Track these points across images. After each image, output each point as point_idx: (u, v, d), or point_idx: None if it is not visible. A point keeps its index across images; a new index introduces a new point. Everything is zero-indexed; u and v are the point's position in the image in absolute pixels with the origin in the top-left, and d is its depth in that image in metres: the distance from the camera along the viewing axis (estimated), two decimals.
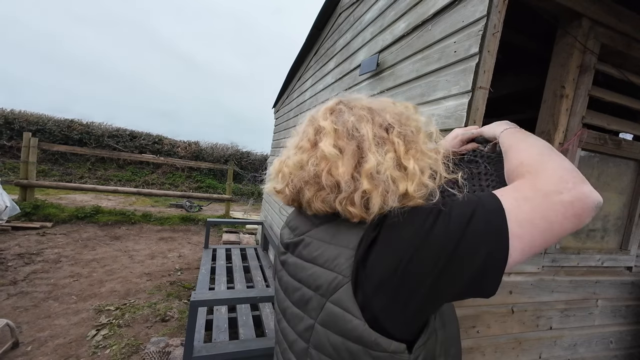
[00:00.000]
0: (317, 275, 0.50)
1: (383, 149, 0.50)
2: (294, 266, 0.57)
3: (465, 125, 1.09)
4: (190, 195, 7.38)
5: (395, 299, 0.43)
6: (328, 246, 0.51)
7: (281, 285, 0.62)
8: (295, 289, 0.55)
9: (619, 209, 1.59)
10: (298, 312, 0.54)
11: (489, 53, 1.06)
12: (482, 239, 0.41)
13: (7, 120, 8.31)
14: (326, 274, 0.48)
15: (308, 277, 0.52)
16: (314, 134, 0.55)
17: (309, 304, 0.51)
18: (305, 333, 0.52)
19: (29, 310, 2.62)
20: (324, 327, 0.48)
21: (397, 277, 0.42)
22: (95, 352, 2.19)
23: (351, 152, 0.50)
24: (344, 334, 0.45)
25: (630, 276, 1.63)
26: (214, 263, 3.31)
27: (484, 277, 0.41)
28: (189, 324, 1.49)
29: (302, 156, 0.54)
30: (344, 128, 0.52)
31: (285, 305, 0.58)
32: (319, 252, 0.52)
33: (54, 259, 3.75)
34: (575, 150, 1.34)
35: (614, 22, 1.29)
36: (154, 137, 10.47)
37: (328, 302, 0.47)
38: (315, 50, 3.45)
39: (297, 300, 0.54)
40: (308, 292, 0.51)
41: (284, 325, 0.59)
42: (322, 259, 0.50)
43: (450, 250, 0.41)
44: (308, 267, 0.53)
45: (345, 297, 0.45)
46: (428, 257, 0.42)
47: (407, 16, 1.53)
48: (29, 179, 5.35)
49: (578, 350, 1.51)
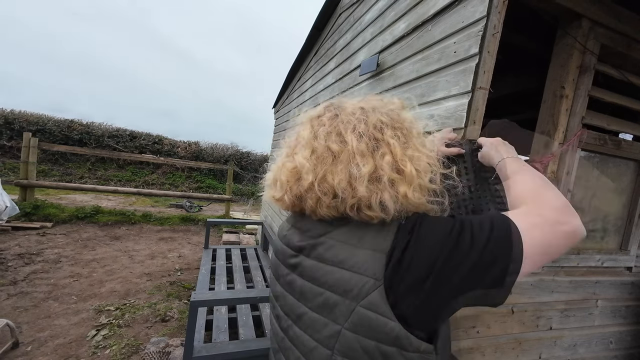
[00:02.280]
0: (345, 279, 0.48)
1: (379, 151, 0.50)
2: (313, 269, 0.53)
3: (465, 125, 1.09)
4: (190, 196, 7.38)
5: (426, 301, 0.44)
6: (356, 249, 0.49)
7: (291, 290, 0.58)
8: (317, 294, 0.52)
9: (619, 209, 1.59)
10: (319, 317, 0.51)
11: (489, 53, 1.06)
12: (502, 251, 0.44)
13: (7, 120, 8.31)
14: (355, 277, 0.47)
15: (334, 281, 0.49)
16: (294, 142, 0.57)
17: (335, 309, 0.48)
18: (329, 340, 0.49)
19: (29, 310, 2.62)
20: (354, 333, 0.47)
21: (430, 280, 0.44)
22: (95, 352, 2.19)
23: (344, 159, 0.50)
24: (379, 338, 0.45)
25: (630, 276, 1.63)
26: (214, 263, 3.31)
27: (499, 286, 0.45)
28: (189, 324, 1.49)
29: (294, 164, 0.54)
30: (326, 138, 0.53)
31: (301, 311, 0.54)
32: (345, 255, 0.50)
33: (54, 259, 3.74)
34: (575, 150, 1.34)
35: (613, 22, 1.30)
36: (154, 137, 10.46)
37: (359, 306, 0.46)
38: (316, 50, 3.45)
39: (320, 306, 0.51)
40: (333, 297, 0.49)
41: (297, 333, 0.55)
42: (350, 262, 0.48)
43: (475, 258, 0.44)
44: (334, 271, 0.50)
45: (379, 301, 0.45)
46: (457, 262, 0.44)
47: (407, 17, 1.54)
48: (29, 179, 5.35)
49: (578, 350, 1.51)
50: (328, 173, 0.50)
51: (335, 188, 0.49)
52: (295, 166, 0.54)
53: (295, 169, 0.54)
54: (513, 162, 0.63)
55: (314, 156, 0.52)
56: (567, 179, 1.35)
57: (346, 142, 0.51)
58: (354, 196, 0.48)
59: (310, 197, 0.52)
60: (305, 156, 0.53)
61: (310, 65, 3.65)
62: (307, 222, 0.59)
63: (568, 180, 1.36)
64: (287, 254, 0.61)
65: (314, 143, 0.53)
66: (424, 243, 0.46)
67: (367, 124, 0.52)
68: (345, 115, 0.54)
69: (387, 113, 0.55)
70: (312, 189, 0.51)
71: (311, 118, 0.58)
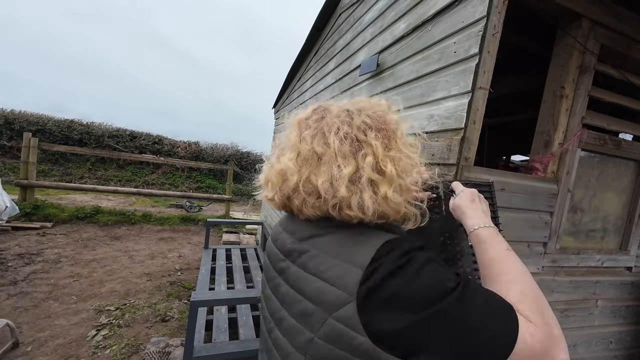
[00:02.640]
0: (322, 290, 0.49)
1: (360, 152, 0.52)
2: (296, 277, 0.55)
3: (465, 126, 1.09)
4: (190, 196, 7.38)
5: (404, 334, 0.42)
6: (335, 261, 0.50)
7: (277, 294, 0.59)
8: (296, 301, 0.53)
9: (619, 209, 1.59)
10: (296, 324, 0.52)
11: (489, 53, 1.06)
12: (495, 333, 0.41)
13: (7, 120, 8.31)
14: (331, 289, 0.47)
15: (312, 291, 0.50)
16: (283, 144, 0.59)
17: (310, 317, 0.50)
18: (302, 346, 0.50)
19: (29, 311, 2.62)
20: (326, 342, 0.47)
21: (416, 322, 0.42)
22: (95, 352, 2.19)
23: (327, 161, 0.52)
24: (349, 350, 0.45)
25: (630, 276, 1.63)
26: (214, 263, 3.31)
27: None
28: (189, 324, 1.49)
29: (281, 166, 0.56)
30: (312, 140, 0.54)
31: (282, 315, 0.56)
32: (325, 266, 0.50)
33: (54, 259, 3.74)
34: (575, 150, 1.34)
35: (613, 22, 1.30)
36: (154, 137, 10.46)
37: (330, 318, 0.47)
38: (316, 50, 3.45)
39: (298, 313, 0.52)
40: (311, 307, 0.50)
41: (277, 336, 0.57)
42: (328, 273, 0.49)
43: (464, 328, 0.41)
44: (313, 281, 0.51)
45: (350, 315, 0.45)
46: (449, 324, 0.41)
47: (407, 17, 1.54)
48: (29, 179, 5.35)
49: (578, 350, 1.51)
50: (312, 174, 0.52)
51: (318, 188, 0.51)
52: (282, 168, 0.56)
53: (282, 170, 0.56)
54: (492, 236, 0.58)
55: (299, 158, 0.54)
56: (567, 179, 1.35)
57: (329, 144, 0.52)
58: (335, 196, 0.50)
59: (296, 197, 0.54)
60: (291, 158, 0.55)
61: (310, 65, 3.65)
62: (295, 224, 0.61)
63: (568, 180, 1.36)
64: (277, 258, 0.62)
65: (299, 145, 0.55)
66: (419, 283, 0.43)
67: (351, 126, 0.53)
68: (330, 118, 0.56)
69: (372, 115, 0.56)
70: (297, 190, 0.54)
71: (299, 120, 0.59)
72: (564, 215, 1.37)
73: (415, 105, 1.41)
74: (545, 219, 1.33)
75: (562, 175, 1.34)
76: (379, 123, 0.56)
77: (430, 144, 1.27)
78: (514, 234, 1.27)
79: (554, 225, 1.35)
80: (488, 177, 1.17)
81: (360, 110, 0.57)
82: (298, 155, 0.54)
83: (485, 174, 1.17)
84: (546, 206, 1.32)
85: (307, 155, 0.53)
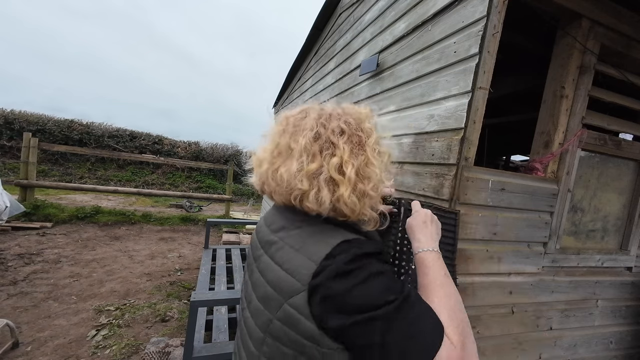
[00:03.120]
0: (281, 278, 0.55)
1: (328, 152, 0.57)
2: (265, 265, 0.62)
3: (465, 125, 1.09)
4: (190, 196, 7.38)
5: (346, 330, 0.47)
6: (296, 254, 0.56)
7: (251, 279, 0.67)
8: (262, 286, 0.60)
9: (619, 209, 1.59)
10: (260, 306, 0.59)
11: (489, 53, 1.06)
12: (416, 347, 0.46)
13: (7, 120, 8.31)
14: (289, 279, 0.54)
15: (274, 279, 0.57)
16: (268, 136, 0.66)
17: (271, 301, 0.56)
18: (264, 325, 0.57)
19: (29, 311, 2.62)
20: (281, 323, 0.54)
21: (350, 319, 0.47)
22: (95, 352, 2.19)
23: (297, 155, 0.57)
24: (299, 332, 0.51)
25: (630, 276, 1.63)
26: (214, 263, 3.31)
27: None
28: (189, 324, 1.49)
29: (259, 154, 0.65)
30: (290, 135, 0.60)
31: (251, 298, 0.64)
32: (287, 257, 0.57)
33: (54, 259, 3.74)
34: (575, 150, 1.34)
35: (613, 22, 1.30)
36: (154, 137, 10.46)
37: (286, 303, 0.53)
38: (316, 50, 3.45)
39: (261, 297, 0.59)
40: (271, 292, 0.57)
41: (247, 315, 0.65)
42: (288, 264, 0.56)
43: (392, 337, 0.46)
44: (276, 270, 0.57)
45: (301, 303, 0.51)
46: (392, 327, 0.46)
47: (407, 16, 1.54)
48: (29, 179, 5.35)
49: (578, 350, 1.51)
50: (282, 166, 0.59)
51: (284, 178, 0.57)
52: (259, 157, 0.65)
53: (259, 158, 0.65)
54: (435, 260, 0.62)
55: (276, 150, 0.61)
56: (567, 179, 1.35)
57: (297, 142, 0.58)
58: (297, 187, 0.56)
59: (267, 184, 0.62)
60: (269, 149, 0.63)
61: (310, 65, 3.65)
62: (272, 216, 0.69)
63: (568, 180, 1.36)
64: (256, 246, 0.70)
65: (279, 139, 0.61)
66: (360, 291, 0.48)
67: (326, 128, 0.59)
68: (310, 119, 0.61)
69: (349, 121, 0.61)
70: (267, 177, 0.61)
71: (286, 116, 0.65)
72: (564, 215, 1.37)
73: (415, 105, 1.41)
74: (545, 219, 1.33)
75: (562, 175, 1.34)
76: (354, 129, 0.60)
77: (431, 144, 1.27)
78: (514, 234, 1.27)
79: (554, 225, 1.35)
80: (488, 177, 1.18)
81: (340, 115, 0.62)
82: (276, 147, 0.61)
83: (485, 174, 1.17)
84: (546, 206, 1.32)
85: (282, 148, 0.60)
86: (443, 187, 1.16)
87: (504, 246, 1.26)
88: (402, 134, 1.48)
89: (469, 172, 1.13)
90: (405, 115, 1.48)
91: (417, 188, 1.32)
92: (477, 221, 1.18)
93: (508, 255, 1.27)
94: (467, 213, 1.15)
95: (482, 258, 1.22)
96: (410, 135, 1.42)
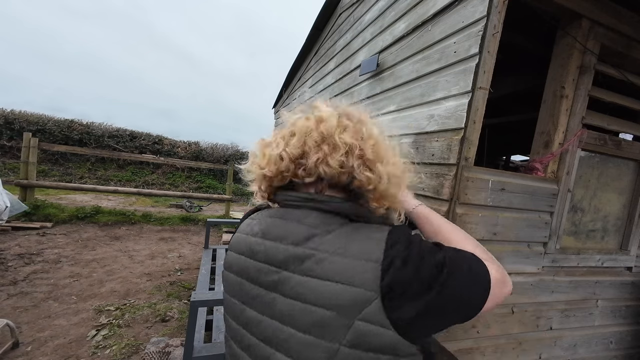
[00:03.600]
0: (339, 294, 0.46)
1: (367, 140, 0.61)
2: (300, 287, 0.50)
3: (465, 125, 1.09)
4: (190, 196, 7.37)
5: (424, 313, 0.47)
6: (344, 259, 0.48)
7: (271, 313, 0.53)
8: (307, 313, 0.48)
9: (619, 209, 1.59)
10: (310, 339, 0.48)
11: (489, 53, 1.06)
12: (479, 300, 0.53)
13: (7, 120, 8.30)
14: (349, 290, 0.46)
15: (327, 297, 0.47)
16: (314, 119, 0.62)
17: (329, 326, 0.46)
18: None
19: (29, 311, 2.61)
20: (352, 348, 0.46)
21: (430, 295, 0.47)
22: (95, 352, 2.19)
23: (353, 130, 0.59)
24: (378, 349, 0.46)
25: (630, 276, 1.63)
26: (214, 263, 3.31)
27: (469, 319, 0.53)
28: (189, 324, 1.49)
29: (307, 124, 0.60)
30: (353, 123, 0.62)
31: (286, 335, 0.50)
32: (337, 267, 0.48)
33: (54, 259, 3.74)
34: (575, 150, 1.34)
35: (613, 22, 1.30)
36: (154, 137, 10.45)
37: (357, 320, 0.45)
38: (316, 50, 3.45)
39: (311, 326, 0.48)
40: (328, 315, 0.47)
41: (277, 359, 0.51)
42: (342, 275, 0.47)
43: (466, 293, 0.52)
44: (325, 286, 0.48)
45: (377, 312, 0.45)
46: (454, 286, 0.49)
47: (407, 17, 1.54)
48: (29, 179, 5.35)
49: (578, 350, 1.51)
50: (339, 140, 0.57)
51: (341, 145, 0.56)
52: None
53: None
54: (430, 212, 0.73)
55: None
56: (567, 179, 1.35)
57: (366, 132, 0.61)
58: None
59: (316, 151, 0.56)
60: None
61: (310, 65, 3.65)
62: (277, 228, 0.57)
63: (568, 180, 1.36)
64: (262, 272, 0.55)
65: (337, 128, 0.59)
66: (424, 266, 0.48)
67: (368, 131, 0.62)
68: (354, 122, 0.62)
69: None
70: (318, 146, 0.56)
71: (339, 115, 0.63)
72: (564, 215, 1.37)
73: (415, 105, 1.41)
74: (545, 219, 1.33)
75: (562, 175, 1.34)
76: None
77: (431, 144, 1.27)
78: (514, 234, 1.27)
79: (554, 225, 1.35)
80: (488, 177, 1.18)
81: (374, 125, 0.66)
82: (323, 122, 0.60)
83: (485, 174, 1.17)
84: (546, 206, 1.32)
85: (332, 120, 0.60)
86: (443, 187, 1.16)
87: (504, 246, 1.27)
88: (402, 134, 1.48)
89: (469, 172, 1.13)
90: (405, 115, 1.48)
91: (417, 188, 1.32)
92: (477, 221, 1.18)
93: (508, 255, 1.27)
94: (467, 213, 1.16)
95: None
96: (410, 135, 1.42)
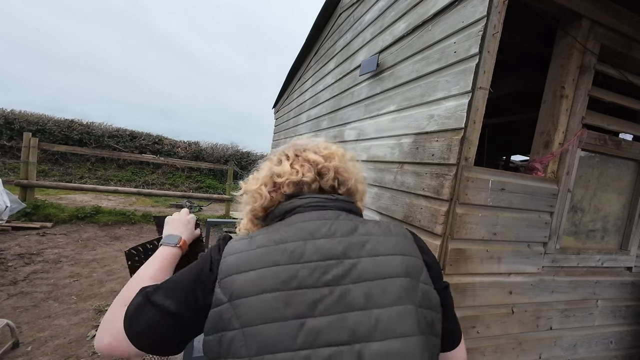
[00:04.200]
0: (403, 262, 0.56)
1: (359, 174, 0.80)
2: (372, 267, 0.53)
3: (465, 125, 1.09)
4: (190, 196, 7.37)
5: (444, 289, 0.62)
6: (393, 237, 0.59)
7: (346, 306, 0.50)
8: (387, 287, 0.51)
9: (619, 209, 1.59)
10: (398, 309, 0.50)
11: (489, 53, 1.06)
12: None
13: (7, 120, 8.30)
14: (410, 259, 0.57)
15: (397, 267, 0.54)
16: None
17: (408, 291, 0.52)
18: (415, 326, 0.49)
19: (29, 310, 2.61)
20: (422, 308, 0.53)
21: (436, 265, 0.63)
22: (95, 352, 2.19)
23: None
24: (432, 307, 0.55)
25: (630, 276, 1.63)
26: None
27: None
28: None
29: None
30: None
31: (373, 319, 0.49)
32: (390, 244, 0.58)
33: (54, 259, 3.74)
34: (575, 150, 1.34)
35: (613, 22, 1.30)
36: (154, 137, 10.45)
37: (420, 282, 0.55)
38: (316, 50, 3.45)
39: (395, 298, 0.50)
40: (404, 281, 0.53)
41: (373, 348, 0.47)
42: (399, 248, 0.58)
43: None
44: (393, 259, 0.56)
45: (427, 275, 0.57)
46: None
47: (407, 17, 1.54)
48: (29, 179, 5.35)
49: (578, 350, 1.51)
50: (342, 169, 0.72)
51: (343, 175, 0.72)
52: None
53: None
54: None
55: None
56: (567, 179, 1.35)
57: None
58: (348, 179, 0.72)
59: (330, 178, 0.70)
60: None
61: (310, 65, 3.65)
62: (324, 226, 0.58)
63: (568, 180, 1.36)
64: (321, 269, 0.52)
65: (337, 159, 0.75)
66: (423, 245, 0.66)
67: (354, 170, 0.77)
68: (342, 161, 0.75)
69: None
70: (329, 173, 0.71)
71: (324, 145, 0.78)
72: (564, 215, 1.37)
73: (415, 105, 1.41)
74: (545, 219, 1.33)
75: (562, 175, 1.34)
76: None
77: (431, 144, 1.27)
78: (514, 234, 1.27)
79: (554, 225, 1.35)
80: (488, 177, 1.18)
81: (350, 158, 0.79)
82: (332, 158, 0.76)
83: (485, 174, 1.17)
84: (546, 206, 1.32)
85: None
86: (443, 187, 1.16)
87: (504, 246, 1.27)
88: (402, 134, 1.48)
89: (469, 172, 1.13)
90: (406, 115, 1.48)
91: (417, 188, 1.32)
92: (477, 221, 1.18)
93: (508, 255, 1.27)
94: (467, 213, 1.16)
95: (482, 258, 1.22)
96: (410, 135, 1.42)
